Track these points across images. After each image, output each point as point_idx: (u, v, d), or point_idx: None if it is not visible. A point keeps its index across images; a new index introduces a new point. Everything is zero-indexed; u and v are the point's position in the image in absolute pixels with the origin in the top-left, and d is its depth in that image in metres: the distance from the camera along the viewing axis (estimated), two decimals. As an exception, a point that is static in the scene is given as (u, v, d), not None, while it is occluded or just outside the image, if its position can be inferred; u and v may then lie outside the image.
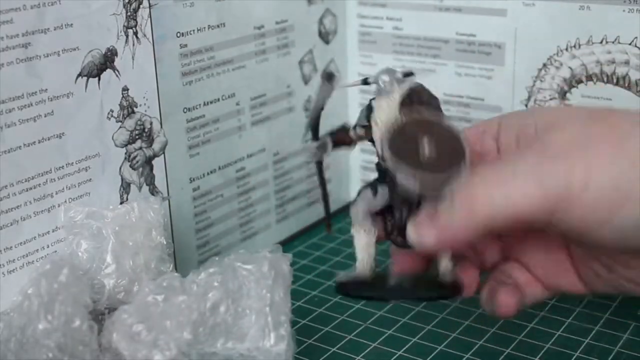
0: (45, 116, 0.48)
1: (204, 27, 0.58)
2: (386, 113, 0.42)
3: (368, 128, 0.43)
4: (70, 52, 0.49)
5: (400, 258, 0.46)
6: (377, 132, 0.42)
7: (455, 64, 0.67)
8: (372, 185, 0.44)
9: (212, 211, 0.62)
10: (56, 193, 0.49)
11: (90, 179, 0.52)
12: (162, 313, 0.44)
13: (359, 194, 0.44)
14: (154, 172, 0.56)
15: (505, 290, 0.44)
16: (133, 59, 0.53)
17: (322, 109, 0.44)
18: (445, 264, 0.43)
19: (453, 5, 0.66)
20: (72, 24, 0.48)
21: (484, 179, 0.38)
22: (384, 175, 0.42)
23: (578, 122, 0.39)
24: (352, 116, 0.61)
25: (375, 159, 0.43)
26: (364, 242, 0.43)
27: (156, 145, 0.56)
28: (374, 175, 0.44)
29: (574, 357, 0.51)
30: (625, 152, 0.37)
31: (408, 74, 0.43)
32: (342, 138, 0.44)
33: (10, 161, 0.46)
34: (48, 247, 0.50)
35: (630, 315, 0.56)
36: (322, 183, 0.47)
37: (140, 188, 0.55)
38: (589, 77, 0.61)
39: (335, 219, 0.72)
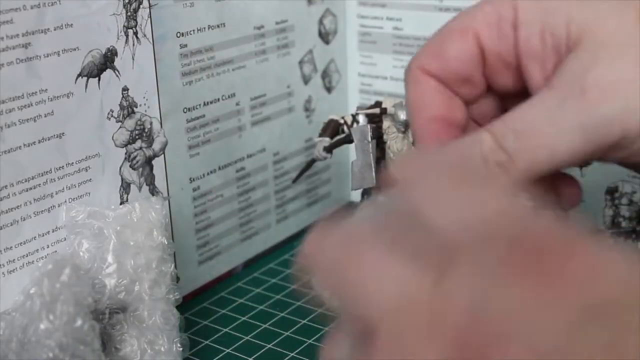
0: (45, 116, 0.48)
1: (204, 27, 0.58)
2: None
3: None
4: (70, 52, 0.49)
5: None
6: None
7: (455, 64, 0.67)
8: (366, 193, 0.60)
9: (212, 211, 0.62)
10: (56, 193, 0.49)
11: (90, 179, 0.51)
12: None
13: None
14: (154, 172, 0.56)
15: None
16: (133, 59, 0.53)
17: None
18: None
19: (453, 5, 0.66)
20: (72, 24, 0.48)
21: (519, 135, 0.33)
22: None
23: (625, 36, 0.32)
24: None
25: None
26: None
27: (156, 145, 0.56)
28: None
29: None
30: None
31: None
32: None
33: (10, 161, 0.46)
34: (48, 247, 0.49)
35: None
36: (305, 168, 0.62)
37: (140, 188, 0.55)
38: (589, 77, 0.61)
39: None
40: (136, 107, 0.54)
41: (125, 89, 0.53)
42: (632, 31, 0.32)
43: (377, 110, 0.60)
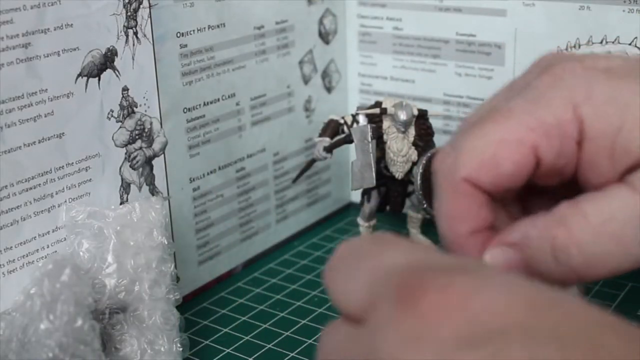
0: (45, 116, 0.48)
1: (204, 27, 0.58)
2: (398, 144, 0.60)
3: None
4: (70, 52, 0.49)
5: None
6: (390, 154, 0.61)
7: (455, 64, 0.67)
8: (366, 193, 0.63)
9: (212, 211, 0.62)
10: (56, 193, 0.49)
11: (90, 179, 0.51)
12: None
13: (361, 204, 0.65)
14: (154, 172, 0.56)
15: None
16: (133, 59, 0.53)
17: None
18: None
19: (453, 5, 0.66)
20: (72, 24, 0.48)
21: (597, 233, 0.30)
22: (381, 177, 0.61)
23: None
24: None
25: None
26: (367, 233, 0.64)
27: (156, 145, 0.56)
28: None
29: (575, 357, 0.51)
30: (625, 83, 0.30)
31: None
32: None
33: (10, 161, 0.46)
34: (48, 247, 0.49)
35: (630, 315, 0.56)
36: (305, 168, 0.64)
37: (140, 188, 0.55)
38: (589, 77, 0.61)
39: (335, 219, 0.74)
40: (136, 107, 0.54)
41: (125, 89, 0.53)
42: None
43: (377, 110, 0.60)
